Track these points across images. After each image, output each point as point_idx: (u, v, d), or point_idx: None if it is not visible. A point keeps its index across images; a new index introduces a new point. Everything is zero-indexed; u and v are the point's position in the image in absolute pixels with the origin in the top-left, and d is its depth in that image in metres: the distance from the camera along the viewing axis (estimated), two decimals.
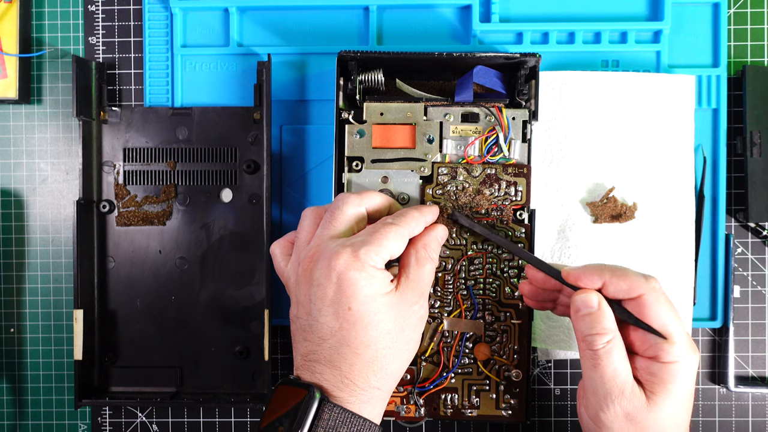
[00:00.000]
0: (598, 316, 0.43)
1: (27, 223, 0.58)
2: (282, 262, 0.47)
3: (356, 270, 0.41)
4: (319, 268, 0.42)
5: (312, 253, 0.43)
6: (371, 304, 0.41)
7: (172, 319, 0.56)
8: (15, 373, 0.58)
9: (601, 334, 0.42)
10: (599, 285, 0.43)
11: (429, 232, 0.46)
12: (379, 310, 0.42)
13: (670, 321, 0.42)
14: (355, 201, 0.45)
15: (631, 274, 0.43)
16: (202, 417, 0.58)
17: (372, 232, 0.43)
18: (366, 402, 0.42)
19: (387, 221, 0.44)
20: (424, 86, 0.53)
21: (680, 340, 0.42)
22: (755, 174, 0.54)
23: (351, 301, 0.41)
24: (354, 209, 0.45)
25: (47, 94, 0.58)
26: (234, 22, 0.56)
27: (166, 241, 0.56)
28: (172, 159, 0.56)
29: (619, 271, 0.43)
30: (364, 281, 0.41)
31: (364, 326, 0.41)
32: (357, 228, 0.45)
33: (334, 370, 0.42)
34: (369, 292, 0.41)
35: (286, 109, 0.57)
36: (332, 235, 0.44)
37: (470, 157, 0.50)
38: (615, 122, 0.54)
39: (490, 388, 0.50)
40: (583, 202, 0.54)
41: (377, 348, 0.42)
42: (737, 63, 0.56)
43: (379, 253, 0.42)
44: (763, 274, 0.56)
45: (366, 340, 0.42)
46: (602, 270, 0.43)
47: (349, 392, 0.42)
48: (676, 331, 0.42)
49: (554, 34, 0.55)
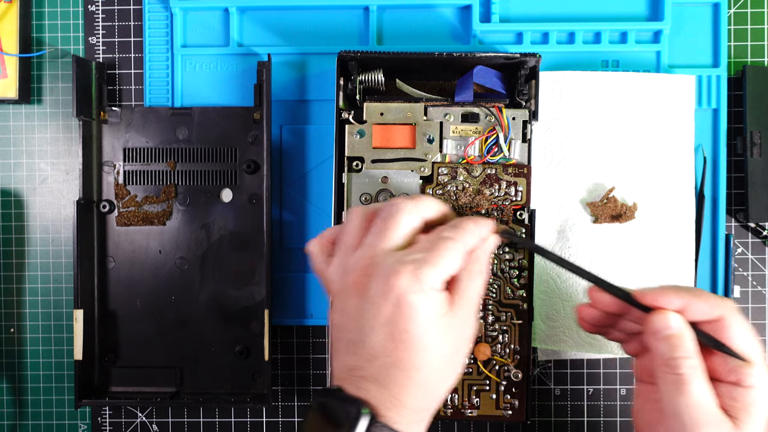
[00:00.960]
0: (681, 338, 0.40)
1: (27, 223, 0.58)
2: (323, 264, 0.44)
3: (417, 293, 0.39)
4: (375, 284, 0.40)
5: (365, 266, 0.41)
6: (429, 327, 0.39)
7: (172, 319, 0.56)
8: (15, 373, 0.58)
9: (686, 357, 0.40)
10: (679, 306, 0.41)
11: (482, 245, 0.43)
12: (437, 333, 0.40)
13: (751, 343, 0.41)
14: (412, 209, 0.42)
15: (709, 296, 0.41)
16: (202, 417, 0.58)
17: (431, 249, 0.40)
18: (414, 423, 0.40)
19: (445, 235, 0.41)
20: (424, 86, 0.53)
21: (760, 362, 0.41)
22: (755, 174, 0.54)
23: (408, 324, 0.39)
24: (410, 218, 0.42)
25: (47, 94, 0.58)
26: (234, 22, 0.56)
27: (166, 241, 0.56)
28: (172, 159, 0.56)
29: (697, 291, 0.41)
30: (424, 304, 0.39)
31: (419, 349, 0.39)
32: (411, 239, 0.42)
33: (383, 389, 0.39)
34: (428, 316, 0.39)
35: (286, 109, 0.57)
36: (387, 247, 0.41)
37: (470, 157, 0.50)
38: (615, 122, 0.54)
39: (490, 388, 0.50)
40: (583, 203, 0.54)
41: (430, 370, 0.40)
42: (737, 63, 0.56)
43: (441, 274, 0.40)
44: (763, 274, 0.56)
45: (419, 363, 0.40)
46: (680, 291, 0.41)
47: (398, 412, 0.39)
48: (756, 354, 0.41)
49: (554, 34, 0.55)
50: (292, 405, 0.58)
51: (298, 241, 0.57)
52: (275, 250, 0.56)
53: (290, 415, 0.58)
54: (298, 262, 0.57)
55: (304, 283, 0.57)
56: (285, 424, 0.58)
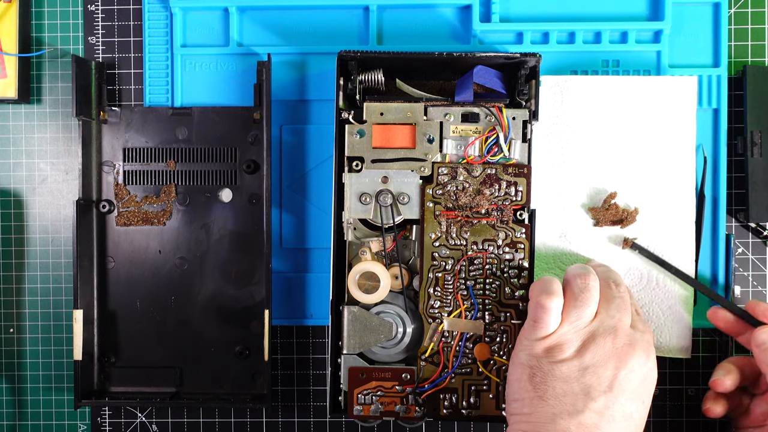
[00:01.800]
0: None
1: (27, 223, 0.58)
2: (557, 323, 0.46)
3: (655, 367, 0.47)
4: (637, 357, 0.45)
5: (629, 342, 0.46)
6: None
7: (172, 319, 0.56)
8: (15, 373, 0.58)
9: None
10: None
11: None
12: None
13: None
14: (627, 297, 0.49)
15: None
16: (202, 417, 0.58)
17: (643, 324, 0.48)
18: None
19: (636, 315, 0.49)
20: (424, 86, 0.53)
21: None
22: (756, 174, 0.54)
23: (649, 394, 0.46)
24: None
25: (47, 94, 0.58)
26: (234, 21, 0.56)
27: (166, 241, 0.56)
28: (172, 159, 0.56)
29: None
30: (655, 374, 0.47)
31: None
32: None
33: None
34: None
35: (286, 109, 0.57)
36: (633, 326, 0.47)
37: (470, 157, 0.50)
38: (617, 126, 0.54)
39: (490, 388, 0.50)
40: (585, 207, 0.54)
41: None
42: (738, 63, 0.56)
43: None
44: (764, 274, 0.56)
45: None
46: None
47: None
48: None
49: (554, 34, 0.55)
50: (292, 405, 0.58)
51: (298, 241, 0.57)
52: (275, 250, 0.56)
53: (290, 415, 0.58)
54: (298, 262, 0.57)
55: (304, 283, 0.57)
56: (285, 424, 0.58)
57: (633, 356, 0.45)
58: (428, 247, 0.50)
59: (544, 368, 0.45)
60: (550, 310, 0.45)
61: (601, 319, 0.46)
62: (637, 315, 0.49)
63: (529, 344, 0.46)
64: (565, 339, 0.46)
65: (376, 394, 0.51)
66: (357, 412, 0.51)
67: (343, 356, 0.51)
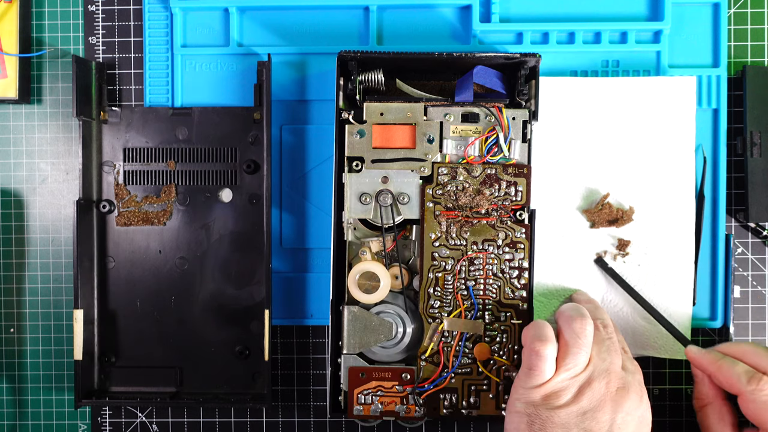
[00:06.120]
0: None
1: (27, 223, 0.58)
2: (552, 369, 0.46)
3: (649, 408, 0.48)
4: (631, 400, 0.46)
5: (622, 385, 0.46)
6: None
7: (172, 319, 0.56)
8: (15, 373, 0.58)
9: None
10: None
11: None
12: None
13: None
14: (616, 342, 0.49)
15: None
16: (202, 417, 0.58)
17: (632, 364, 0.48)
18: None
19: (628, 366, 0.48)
20: (424, 86, 0.53)
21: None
22: (755, 174, 0.54)
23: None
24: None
25: (47, 94, 0.58)
26: (234, 22, 0.56)
27: (166, 241, 0.56)
28: (172, 159, 0.56)
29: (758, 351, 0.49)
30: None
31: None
32: None
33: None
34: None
35: (286, 109, 0.57)
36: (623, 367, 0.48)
37: (470, 157, 0.50)
38: (616, 126, 0.54)
39: (490, 388, 0.50)
40: (580, 209, 0.54)
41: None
42: (737, 63, 0.56)
43: None
44: (763, 274, 0.56)
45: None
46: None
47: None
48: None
49: (554, 34, 0.55)
50: (292, 405, 0.58)
51: (298, 241, 0.57)
52: (275, 250, 0.56)
53: (290, 415, 0.58)
54: (298, 262, 0.57)
55: (304, 283, 0.57)
56: (285, 424, 0.58)
57: (628, 400, 0.45)
58: (428, 247, 0.50)
59: (542, 415, 0.44)
60: (545, 357, 0.45)
61: (594, 363, 0.46)
62: (626, 354, 0.49)
63: (525, 392, 0.46)
64: (562, 386, 0.45)
65: (376, 394, 0.51)
66: (357, 412, 0.51)
67: (343, 356, 0.51)
